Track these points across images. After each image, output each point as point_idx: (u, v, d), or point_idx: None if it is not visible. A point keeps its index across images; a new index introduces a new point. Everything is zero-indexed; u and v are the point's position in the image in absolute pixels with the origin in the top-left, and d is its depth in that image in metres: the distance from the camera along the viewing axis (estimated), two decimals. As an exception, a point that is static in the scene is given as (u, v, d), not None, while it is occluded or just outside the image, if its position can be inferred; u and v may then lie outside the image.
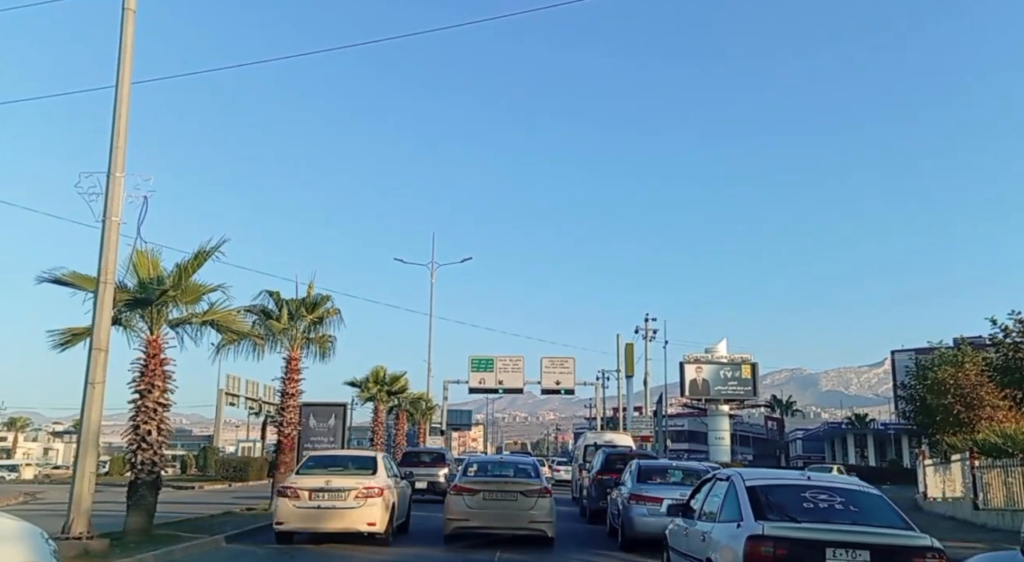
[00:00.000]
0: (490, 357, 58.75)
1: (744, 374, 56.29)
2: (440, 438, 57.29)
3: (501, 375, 57.98)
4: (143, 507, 12.38)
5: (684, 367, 56.24)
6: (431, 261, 51.44)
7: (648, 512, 12.28)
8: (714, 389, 55.93)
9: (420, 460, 26.84)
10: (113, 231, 11.34)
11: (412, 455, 28.09)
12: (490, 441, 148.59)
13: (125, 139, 11.64)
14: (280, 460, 20.04)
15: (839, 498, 6.47)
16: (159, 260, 13.04)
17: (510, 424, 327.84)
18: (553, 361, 58.37)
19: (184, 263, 12.72)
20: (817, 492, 6.52)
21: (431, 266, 51.26)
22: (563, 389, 58.14)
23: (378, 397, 36.37)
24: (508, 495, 13.31)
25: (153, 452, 12.54)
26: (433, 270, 51.05)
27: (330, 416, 24.59)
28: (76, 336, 12.39)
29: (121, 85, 11.71)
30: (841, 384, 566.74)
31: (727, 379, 56.23)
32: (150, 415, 12.59)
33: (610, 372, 62.15)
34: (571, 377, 58.03)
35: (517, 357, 58.94)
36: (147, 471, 12.44)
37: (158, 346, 12.91)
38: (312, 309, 20.19)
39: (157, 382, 12.73)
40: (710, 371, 56.42)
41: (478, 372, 58.08)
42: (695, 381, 56.20)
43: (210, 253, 12.86)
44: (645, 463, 15.08)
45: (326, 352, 20.96)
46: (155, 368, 12.76)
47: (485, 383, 58.00)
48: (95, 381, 11.00)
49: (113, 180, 11.42)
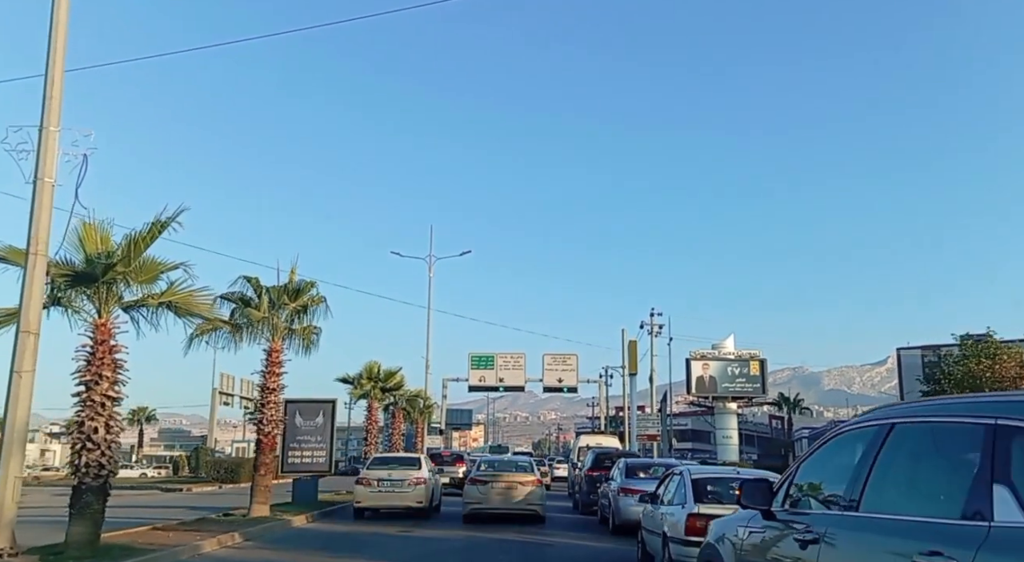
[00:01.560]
0: (490, 354, 57.10)
1: (752, 371, 54.50)
2: (439, 438, 55.71)
3: (502, 373, 56.33)
4: (88, 516, 10.72)
5: (690, 364, 54.46)
6: (429, 254, 49.80)
7: (635, 502, 14.06)
8: (722, 386, 54.17)
9: (444, 460, 32.37)
10: (46, 194, 9.71)
11: (437, 456, 32.76)
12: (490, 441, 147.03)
13: (60, 89, 10.00)
14: (260, 461, 18.38)
15: None
16: (110, 234, 11.40)
17: (511, 424, 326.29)
18: (555, 358, 56.74)
19: (136, 235, 11.05)
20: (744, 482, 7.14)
21: (429, 260, 49.62)
22: (565, 387, 56.51)
23: (372, 394, 34.67)
24: (510, 485, 17.96)
25: (100, 452, 10.87)
26: (431, 264, 49.41)
27: (318, 414, 22.96)
28: (10, 317, 10.73)
29: (56, 28, 10.07)
30: (844, 383, 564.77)
31: (735, 376, 54.42)
32: (97, 410, 10.93)
33: (614, 369, 60.62)
34: (574, 374, 56.40)
35: (518, 354, 57.29)
36: (93, 474, 10.77)
37: (107, 331, 11.25)
38: (295, 296, 18.54)
39: (106, 372, 11.08)
40: (717, 368, 54.68)
41: (478, 370, 56.42)
42: (702, 378, 54.44)
43: (166, 224, 11.20)
44: (631, 461, 18.22)
45: (311, 344, 19.31)
46: (103, 356, 11.11)
47: (485, 381, 56.34)
48: (22, 369, 9.39)
49: (46, 135, 9.81)
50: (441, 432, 54.44)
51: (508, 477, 18.11)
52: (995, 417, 2.95)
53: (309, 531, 16.76)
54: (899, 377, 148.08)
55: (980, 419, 3.08)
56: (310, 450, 22.69)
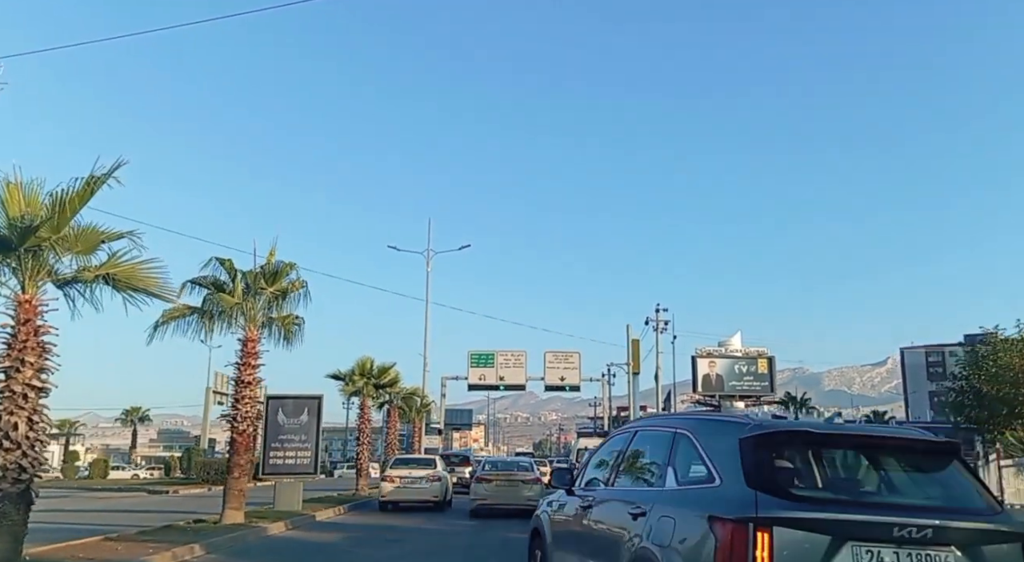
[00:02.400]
0: (490, 352, 55.33)
1: (760, 369, 52.64)
2: (438, 438, 53.93)
3: (502, 371, 54.53)
4: (5, 529, 8.94)
5: (696, 361, 52.65)
6: (427, 248, 48.11)
7: None
8: (729, 385, 52.34)
9: (453, 462, 33.41)
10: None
11: (445, 457, 33.03)
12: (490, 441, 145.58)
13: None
14: (234, 462, 16.62)
15: None
16: (39, 195, 9.65)
17: (512, 424, 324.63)
18: (557, 356, 54.96)
19: (63, 193, 9.28)
20: None
21: (427, 254, 47.93)
22: (568, 385, 54.69)
23: (365, 391, 32.88)
24: (512, 482, 19.66)
25: (22, 453, 9.10)
26: (429, 258, 47.74)
27: (302, 411, 21.18)
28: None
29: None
30: (844, 383, 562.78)
31: (742, 374, 52.56)
32: (18, 403, 9.17)
33: (618, 366, 58.87)
34: (576, 373, 54.60)
35: (519, 352, 55.50)
36: (12, 479, 9.00)
37: (33, 309, 9.49)
38: (272, 280, 16.76)
39: (29, 358, 9.32)
40: (724, 366, 52.86)
41: (478, 368, 54.61)
42: (708, 376, 52.61)
43: (101, 180, 9.42)
44: None
45: (291, 334, 17.54)
46: (26, 339, 9.35)
47: (485, 379, 54.51)
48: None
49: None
50: (440, 432, 52.63)
51: (510, 475, 20.12)
52: (675, 427, 5.14)
53: (284, 541, 14.98)
54: (903, 376, 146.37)
55: (669, 428, 5.24)
56: (293, 450, 20.92)
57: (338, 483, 44.68)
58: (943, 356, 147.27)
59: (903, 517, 3.82)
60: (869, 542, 3.78)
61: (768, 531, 3.71)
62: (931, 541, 3.80)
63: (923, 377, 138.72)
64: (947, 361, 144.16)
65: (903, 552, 3.79)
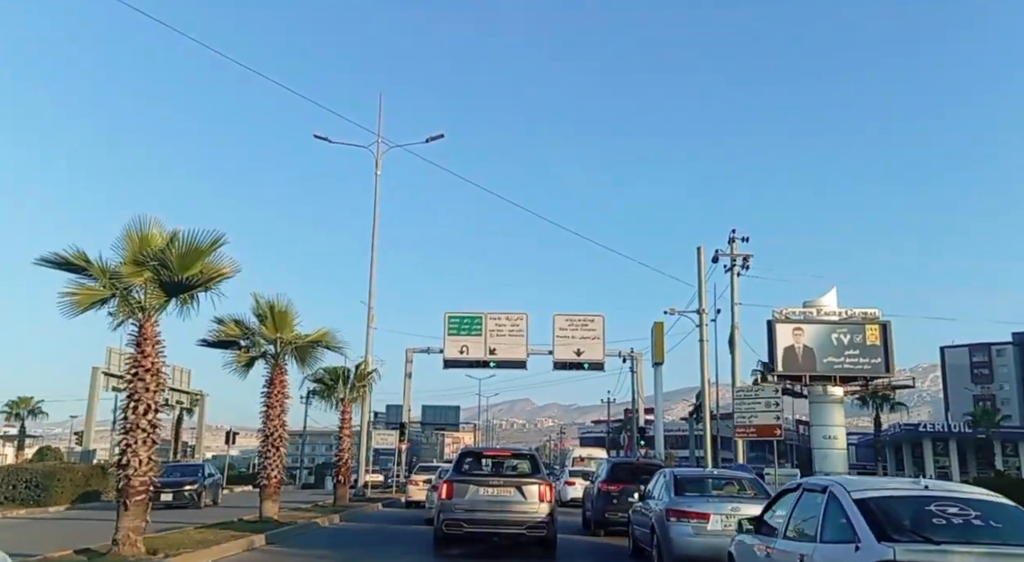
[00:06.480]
0: (477, 314, 39.02)
1: (869, 339, 36.09)
2: (392, 435, 37.19)
3: (494, 341, 38.16)
4: None
5: (775, 328, 36.10)
6: (377, 139, 31.79)
7: (693, 531, 10.21)
8: (824, 362, 35.79)
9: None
10: None
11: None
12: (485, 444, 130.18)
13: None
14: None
15: (974, 511, 5.35)
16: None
17: (507, 430, 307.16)
18: (572, 321, 38.78)
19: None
20: (945, 504, 5.36)
21: (376, 147, 31.62)
22: (587, 362, 38.41)
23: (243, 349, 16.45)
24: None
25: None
26: (379, 153, 31.37)
27: None
28: None
29: None
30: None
31: (843, 346, 36.11)
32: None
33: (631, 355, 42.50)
34: (599, 345, 38.38)
35: (517, 315, 39.24)
36: None
37: None
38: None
39: None
40: (816, 334, 36.30)
41: (458, 336, 38.28)
42: (793, 349, 36.03)
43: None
44: (681, 473, 13.31)
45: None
46: None
47: (468, 353, 38.21)
48: None
49: None
50: (401, 428, 35.91)
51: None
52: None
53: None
54: (943, 376, 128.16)
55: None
56: None
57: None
58: (990, 355, 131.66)
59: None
60: None
61: None
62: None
63: (966, 378, 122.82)
64: (995, 361, 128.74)
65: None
